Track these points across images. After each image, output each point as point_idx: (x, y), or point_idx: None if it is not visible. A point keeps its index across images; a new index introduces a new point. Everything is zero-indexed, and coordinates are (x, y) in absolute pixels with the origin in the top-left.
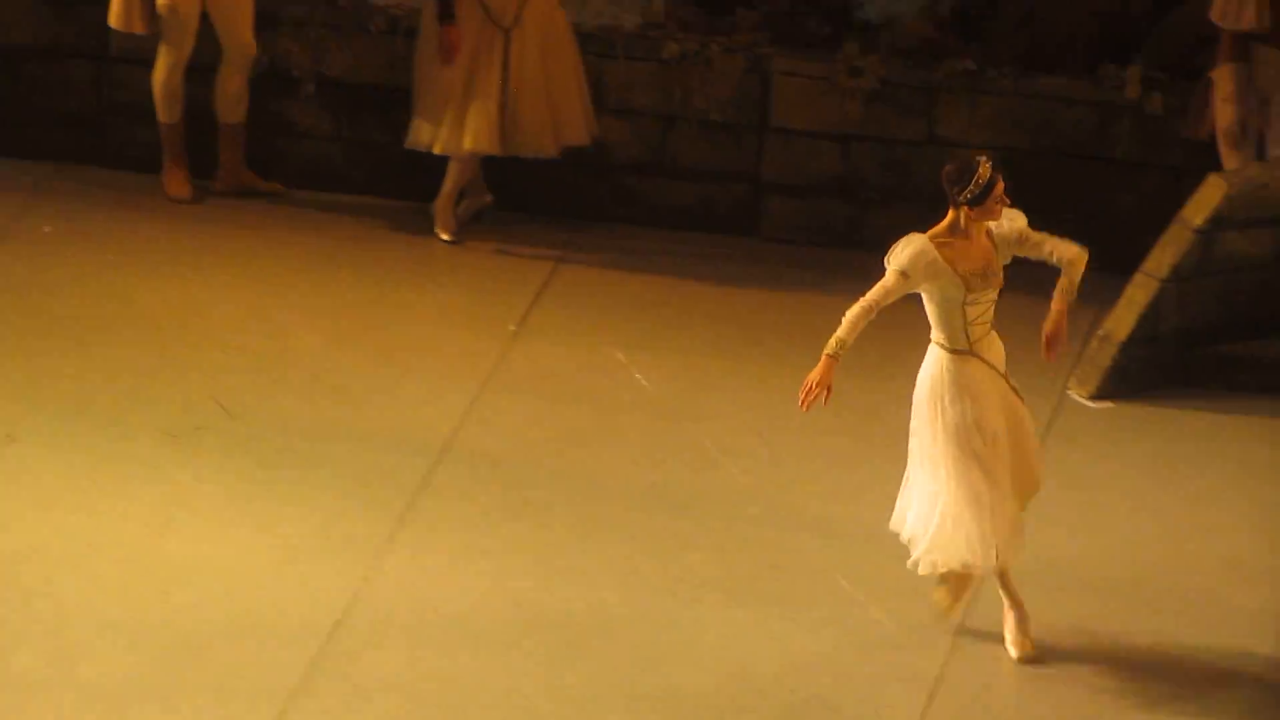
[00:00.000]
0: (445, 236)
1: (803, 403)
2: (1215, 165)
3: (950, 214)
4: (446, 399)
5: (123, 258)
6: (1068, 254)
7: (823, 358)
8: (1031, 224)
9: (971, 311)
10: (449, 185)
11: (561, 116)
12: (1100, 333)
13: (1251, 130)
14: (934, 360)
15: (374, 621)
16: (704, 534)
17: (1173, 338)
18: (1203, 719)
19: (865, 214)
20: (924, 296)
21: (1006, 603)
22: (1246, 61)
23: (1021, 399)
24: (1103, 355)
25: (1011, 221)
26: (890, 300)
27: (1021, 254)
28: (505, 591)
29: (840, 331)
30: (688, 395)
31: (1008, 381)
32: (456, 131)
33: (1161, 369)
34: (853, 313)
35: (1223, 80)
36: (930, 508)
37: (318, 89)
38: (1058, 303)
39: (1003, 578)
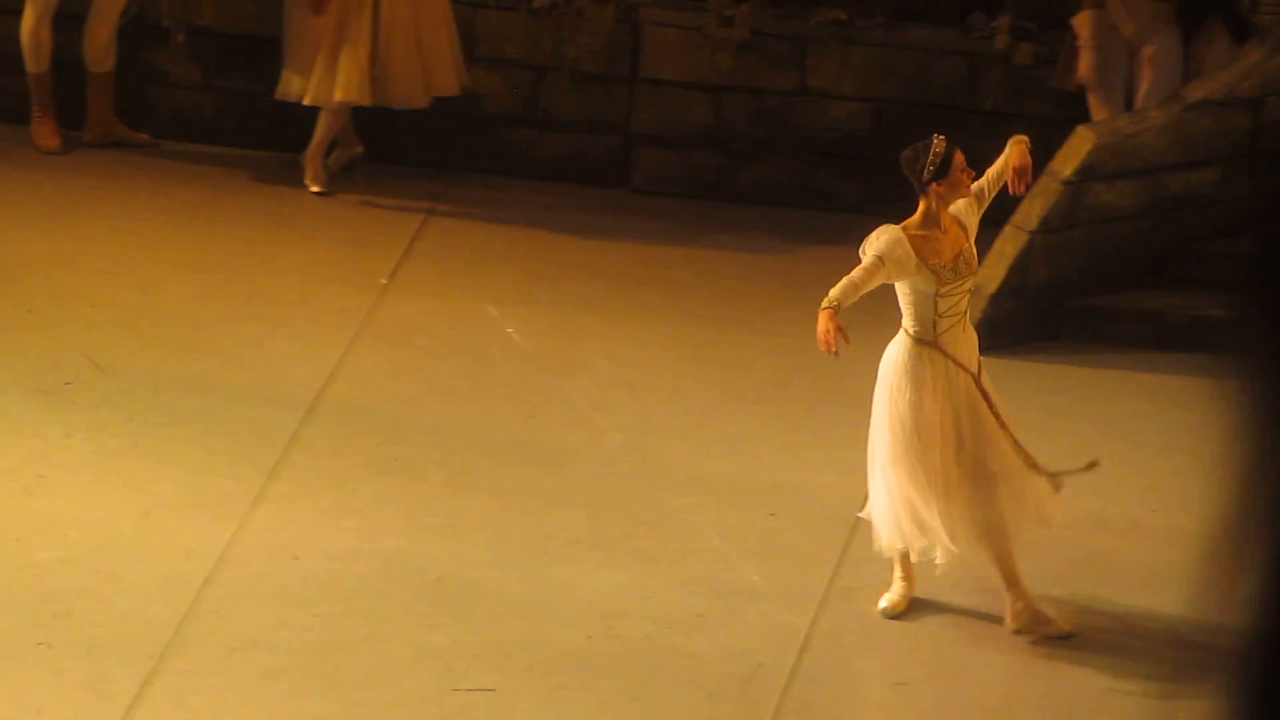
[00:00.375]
0: (315, 188)
1: (829, 350)
2: (1084, 116)
3: (921, 203)
4: (317, 353)
5: None
6: (1008, 146)
7: (820, 312)
8: (899, 174)
9: (943, 303)
10: (319, 136)
11: (432, 67)
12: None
13: (1120, 81)
14: (896, 345)
15: (243, 578)
16: (575, 490)
17: (1041, 290)
18: (1074, 671)
19: (737, 165)
20: (896, 286)
21: (900, 570)
22: (1105, 8)
23: (990, 402)
24: (971, 308)
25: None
26: (871, 284)
27: (985, 204)
28: (374, 548)
29: (833, 292)
30: (559, 350)
31: (976, 380)
32: (326, 82)
33: (1030, 321)
34: (841, 282)
35: (1082, 26)
36: (878, 492)
37: (187, 38)
38: (1020, 143)
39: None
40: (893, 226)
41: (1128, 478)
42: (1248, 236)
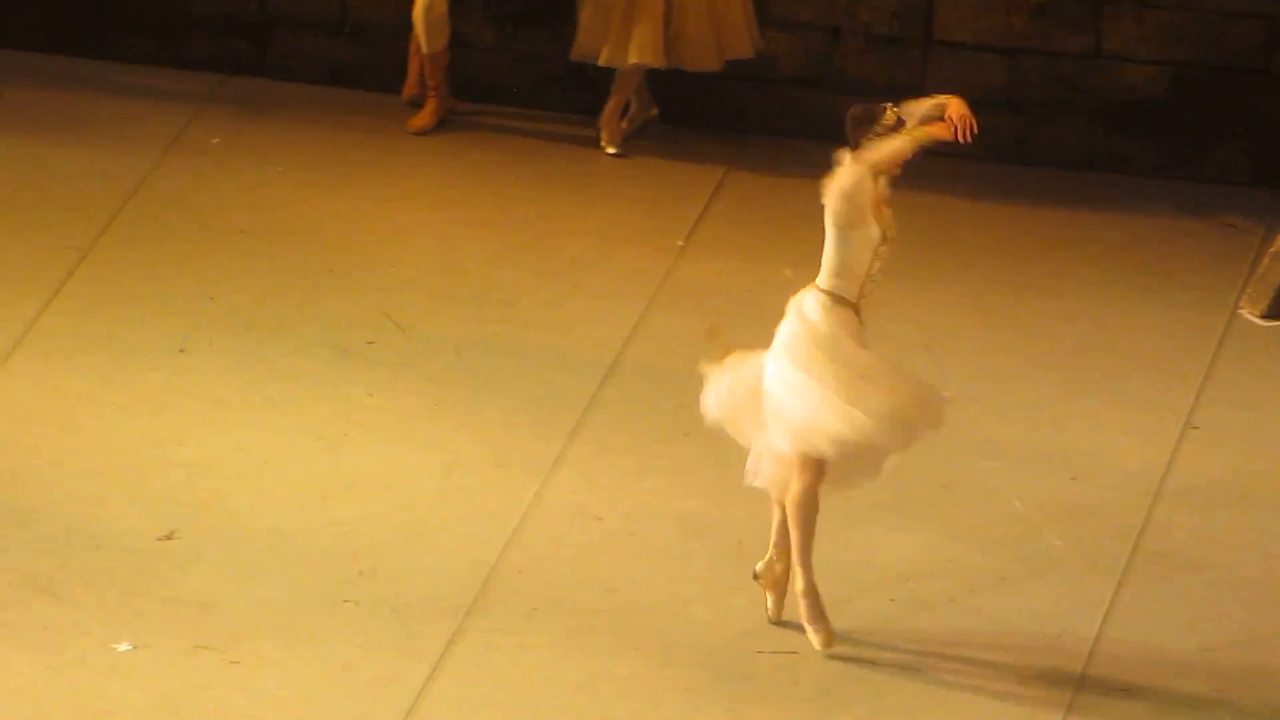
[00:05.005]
0: (611, 150)
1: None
2: None
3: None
4: (615, 314)
5: (290, 170)
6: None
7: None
8: (1196, 138)
9: (875, 264)
10: (614, 98)
11: (725, 29)
12: (1272, 250)
13: None
14: (813, 308)
15: (545, 539)
16: None
17: None
18: None
19: (1031, 128)
20: (838, 236)
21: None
22: None
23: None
24: (1274, 273)
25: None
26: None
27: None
28: (675, 510)
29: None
30: None
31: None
32: (621, 44)
33: None
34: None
35: None
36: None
37: (483, 0)
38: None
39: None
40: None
41: None
42: None
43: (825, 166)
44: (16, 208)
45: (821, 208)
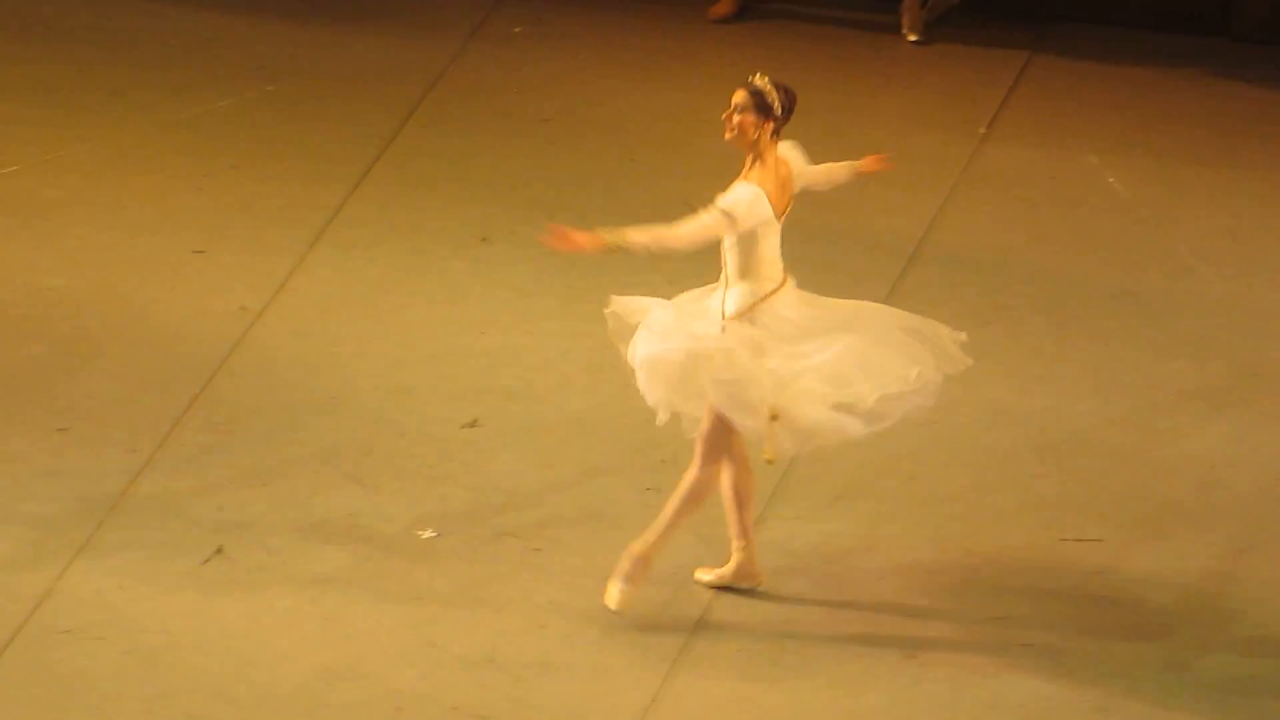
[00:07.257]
0: (912, 37)
1: (551, 239)
2: None
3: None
4: (916, 202)
5: (592, 60)
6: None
7: (594, 237)
8: None
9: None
10: None
11: None
12: None
13: None
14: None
15: None
16: (1179, 342)
17: None
18: None
19: None
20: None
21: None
22: None
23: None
24: None
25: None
26: (705, 239)
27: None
28: (976, 398)
29: (633, 233)
30: (1161, 199)
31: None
32: None
33: None
34: (653, 231)
35: None
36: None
37: None
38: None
39: None
40: (750, 185)
41: None
42: None
43: (1132, 53)
44: (320, 96)
45: (1126, 95)
